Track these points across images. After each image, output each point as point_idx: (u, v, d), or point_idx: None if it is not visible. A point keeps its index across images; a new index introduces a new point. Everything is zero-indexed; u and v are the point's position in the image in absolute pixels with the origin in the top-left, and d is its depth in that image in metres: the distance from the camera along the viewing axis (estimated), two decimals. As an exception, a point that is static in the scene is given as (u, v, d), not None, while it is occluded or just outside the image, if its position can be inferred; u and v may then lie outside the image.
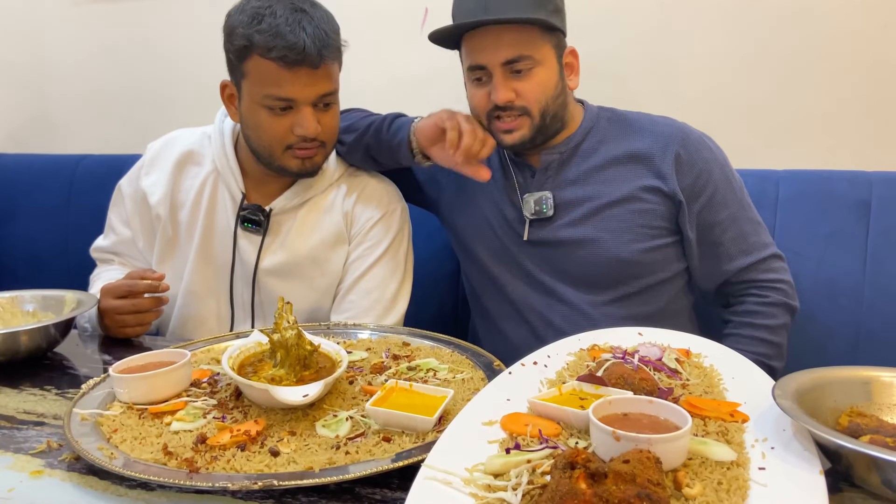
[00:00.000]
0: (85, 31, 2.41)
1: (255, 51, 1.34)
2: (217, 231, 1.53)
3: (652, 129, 1.45)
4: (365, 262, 1.52)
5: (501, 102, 1.38)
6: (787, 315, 1.45)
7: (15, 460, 0.92)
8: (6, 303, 1.43)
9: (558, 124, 1.45)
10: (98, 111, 2.46)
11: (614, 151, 1.45)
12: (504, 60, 1.37)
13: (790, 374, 0.93)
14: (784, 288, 1.45)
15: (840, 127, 1.75)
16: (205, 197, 1.53)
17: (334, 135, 1.47)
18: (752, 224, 1.46)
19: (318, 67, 1.35)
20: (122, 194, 1.61)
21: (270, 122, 1.39)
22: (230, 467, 0.85)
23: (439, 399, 0.98)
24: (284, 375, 1.04)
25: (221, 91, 1.48)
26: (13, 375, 1.21)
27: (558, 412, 0.91)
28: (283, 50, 1.31)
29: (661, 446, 0.76)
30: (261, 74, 1.36)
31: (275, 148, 1.42)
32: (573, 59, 1.45)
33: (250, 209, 1.50)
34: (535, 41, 1.37)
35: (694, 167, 1.42)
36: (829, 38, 1.73)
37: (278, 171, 1.47)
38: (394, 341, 1.30)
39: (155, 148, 1.61)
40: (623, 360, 1.05)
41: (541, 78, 1.39)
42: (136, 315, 1.39)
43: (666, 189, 1.42)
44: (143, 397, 1.02)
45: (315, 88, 1.37)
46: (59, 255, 2.15)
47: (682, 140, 1.42)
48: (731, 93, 1.82)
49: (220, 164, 1.53)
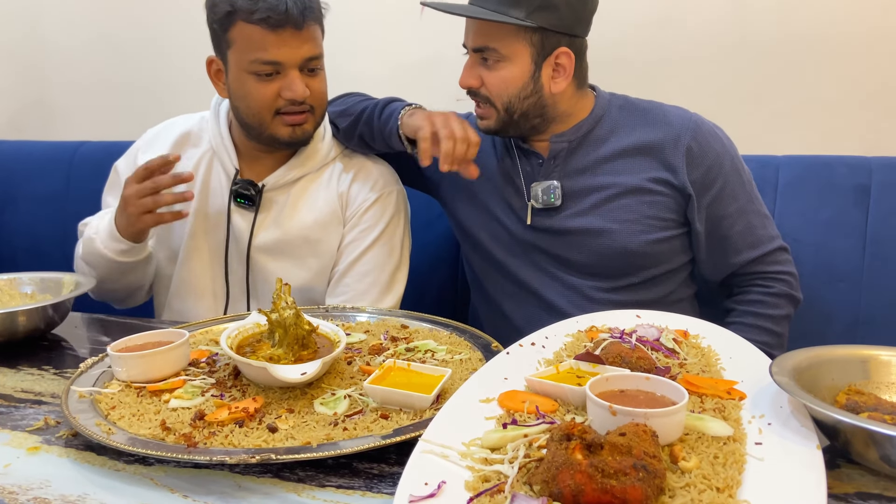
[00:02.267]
0: (84, 19, 2.40)
1: (239, 16, 1.36)
2: (211, 208, 1.54)
3: (664, 119, 1.43)
4: (360, 245, 1.52)
5: (462, 86, 1.41)
6: (790, 306, 1.45)
7: (12, 437, 0.93)
8: (4, 285, 1.43)
9: (535, 121, 1.42)
10: (96, 98, 2.45)
11: (625, 141, 1.43)
12: (473, 47, 1.38)
13: (788, 352, 0.93)
14: (789, 279, 1.45)
15: (840, 112, 1.75)
16: (200, 174, 1.54)
17: (323, 100, 1.47)
18: (759, 217, 1.45)
19: (301, 28, 1.36)
20: (119, 174, 1.61)
21: (258, 89, 1.40)
22: (228, 443, 0.85)
23: (437, 378, 0.98)
24: (283, 355, 1.04)
25: (208, 67, 1.48)
26: (11, 356, 1.21)
27: (555, 389, 0.91)
28: (266, 11, 1.33)
29: (658, 420, 0.76)
30: (246, 40, 1.37)
31: (264, 115, 1.42)
32: (566, 62, 1.38)
33: (242, 184, 1.50)
34: (504, 37, 1.35)
35: (705, 160, 1.40)
36: (829, 24, 1.73)
37: (269, 143, 1.47)
38: (392, 324, 1.30)
39: (153, 131, 1.63)
40: (621, 339, 1.05)
41: (505, 74, 1.37)
42: (155, 198, 1.37)
43: (676, 182, 1.41)
44: (142, 376, 1.02)
45: (300, 51, 1.38)
46: (58, 241, 2.14)
47: (694, 132, 1.41)
48: (732, 78, 1.81)
49: (214, 143, 1.54)
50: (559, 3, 1.34)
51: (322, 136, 1.56)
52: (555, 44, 1.37)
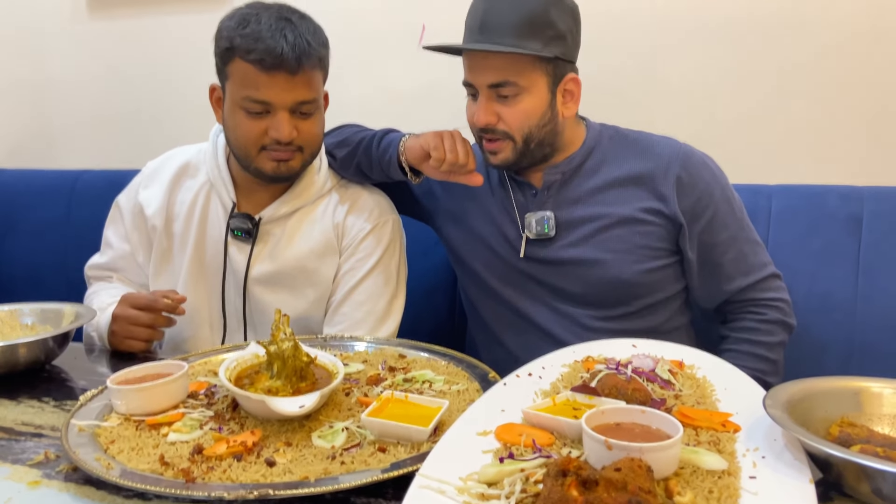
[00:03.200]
0: (86, 49, 2.44)
1: (237, 53, 1.38)
2: (209, 241, 1.55)
3: (653, 150, 1.45)
4: (357, 275, 1.53)
5: (481, 125, 1.40)
6: (784, 333, 1.46)
7: (13, 471, 0.93)
8: (5, 316, 1.43)
9: (546, 150, 1.44)
10: (98, 128, 2.48)
11: (616, 172, 1.45)
12: (489, 84, 1.37)
13: (781, 384, 0.94)
14: (782, 306, 1.46)
15: (831, 142, 1.78)
16: (198, 208, 1.56)
17: (313, 142, 1.48)
18: (751, 245, 1.47)
19: (295, 74, 1.38)
20: (121, 209, 1.63)
21: (247, 124, 1.42)
22: (226, 477, 0.85)
23: (434, 410, 0.99)
24: (281, 387, 1.05)
25: (210, 93, 1.51)
26: (11, 387, 1.21)
27: (552, 422, 0.92)
28: (261, 53, 1.35)
29: (653, 455, 0.76)
30: (241, 76, 1.40)
31: (250, 149, 1.44)
32: (574, 87, 1.43)
33: (239, 217, 1.52)
34: (523, 69, 1.36)
35: (695, 189, 1.42)
36: (820, 53, 1.76)
37: (255, 175, 1.49)
38: (390, 353, 1.31)
39: (153, 165, 1.65)
40: (616, 370, 1.06)
41: (525, 105, 1.38)
42: (148, 330, 1.40)
43: (667, 211, 1.43)
44: (141, 409, 1.03)
45: (292, 94, 1.40)
46: (58, 269, 2.16)
47: (684, 162, 1.43)
48: (724, 108, 1.84)
49: (212, 176, 1.56)
50: (566, 32, 1.38)
51: (318, 168, 1.58)
52: (564, 71, 1.41)
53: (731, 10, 1.80)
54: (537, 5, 1.34)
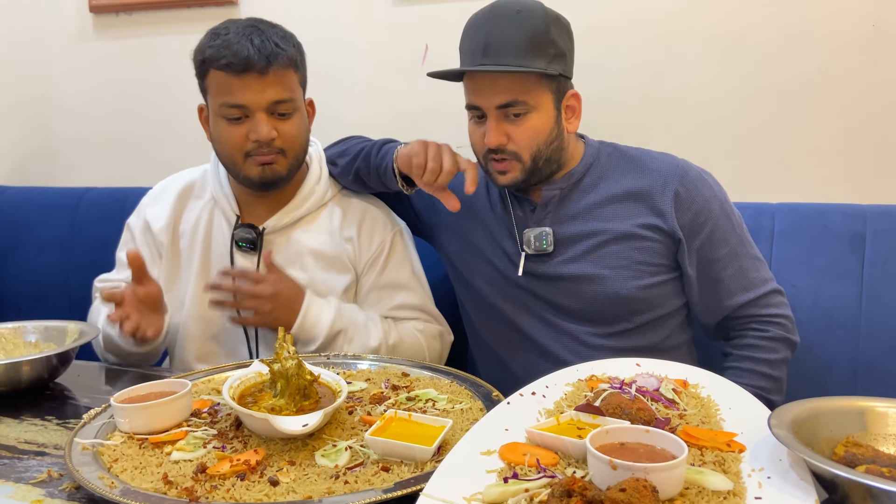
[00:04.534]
0: (91, 69, 2.45)
1: (210, 64, 1.43)
2: (214, 255, 1.57)
3: (651, 165, 1.46)
4: (381, 275, 1.59)
5: (493, 146, 1.40)
6: (787, 350, 1.45)
7: (16, 490, 0.93)
8: (9, 333, 1.44)
9: (553, 166, 1.45)
10: (102, 145, 2.49)
11: (614, 188, 1.46)
12: (498, 104, 1.38)
13: (786, 404, 0.94)
14: (784, 322, 1.45)
15: (834, 160, 1.78)
16: (202, 224, 1.58)
17: (295, 143, 1.50)
18: (751, 260, 1.46)
19: (265, 74, 1.41)
20: (131, 230, 1.65)
21: (229, 132, 1.46)
22: (230, 496, 0.85)
23: (438, 429, 0.99)
24: (284, 405, 1.05)
25: (199, 114, 1.55)
26: (14, 405, 1.22)
27: (556, 441, 0.91)
28: (230, 58, 1.40)
29: (658, 475, 0.76)
30: (216, 85, 1.44)
31: (236, 157, 1.47)
32: (575, 103, 1.45)
33: (243, 228, 1.54)
34: (530, 88, 1.37)
35: (693, 204, 1.43)
36: (822, 72, 1.76)
37: (245, 184, 1.52)
38: (393, 371, 1.31)
39: (160, 185, 1.68)
40: (620, 390, 1.06)
41: (534, 123, 1.39)
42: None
43: (665, 227, 1.43)
44: (144, 427, 1.03)
45: (265, 94, 1.43)
46: (63, 287, 2.16)
47: (681, 177, 1.43)
48: (727, 126, 1.85)
49: (215, 192, 1.59)
50: (565, 50, 1.41)
51: (318, 177, 1.60)
52: (566, 88, 1.43)
53: (733, 29, 1.81)
54: (539, 25, 1.36)
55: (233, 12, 2.23)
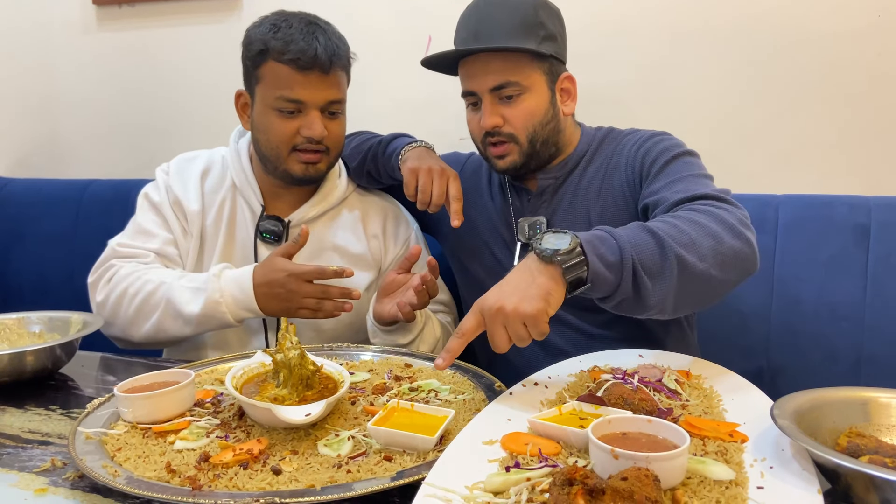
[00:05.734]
0: (94, 61, 2.46)
1: (271, 55, 1.43)
2: (237, 245, 1.57)
3: (623, 141, 1.45)
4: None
5: (488, 127, 1.40)
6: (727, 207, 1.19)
7: (19, 478, 0.93)
8: (13, 324, 1.44)
9: (552, 149, 1.45)
10: (106, 138, 2.49)
11: (602, 172, 1.45)
12: (491, 87, 1.39)
13: (789, 394, 0.94)
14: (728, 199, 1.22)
15: (839, 152, 1.77)
16: (225, 211, 1.57)
17: (339, 143, 1.54)
18: (696, 178, 1.29)
19: (328, 73, 1.44)
20: (152, 200, 1.58)
21: (280, 124, 1.46)
22: (233, 485, 0.85)
23: (440, 419, 0.99)
24: (287, 395, 1.05)
25: (236, 100, 1.55)
26: (18, 395, 1.22)
27: (558, 431, 0.91)
28: (296, 53, 1.41)
29: (660, 464, 0.76)
30: (275, 78, 1.45)
31: (282, 149, 1.48)
32: (570, 85, 1.46)
33: (270, 220, 1.55)
34: (523, 68, 1.38)
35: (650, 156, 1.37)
36: (827, 65, 1.76)
37: (283, 178, 1.53)
38: (396, 362, 1.31)
39: (174, 163, 1.63)
40: (623, 380, 1.06)
41: (528, 104, 1.40)
42: (318, 301, 1.40)
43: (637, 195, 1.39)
44: (147, 416, 1.03)
45: (324, 94, 1.45)
46: (66, 279, 2.16)
47: (642, 143, 1.40)
48: (732, 118, 1.84)
49: (238, 180, 1.58)
50: (556, 34, 1.42)
51: (339, 172, 1.64)
52: (559, 70, 1.44)
53: (738, 21, 1.80)
54: (527, 8, 1.38)
55: (237, 4, 2.23)
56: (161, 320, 1.44)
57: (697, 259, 1.08)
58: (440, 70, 1.48)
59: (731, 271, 1.12)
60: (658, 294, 1.07)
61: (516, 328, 1.01)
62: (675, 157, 1.35)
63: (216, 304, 1.41)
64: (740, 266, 1.14)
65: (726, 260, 1.11)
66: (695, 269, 1.08)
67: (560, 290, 1.03)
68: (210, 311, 1.41)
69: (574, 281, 1.03)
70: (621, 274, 1.05)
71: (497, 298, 1.03)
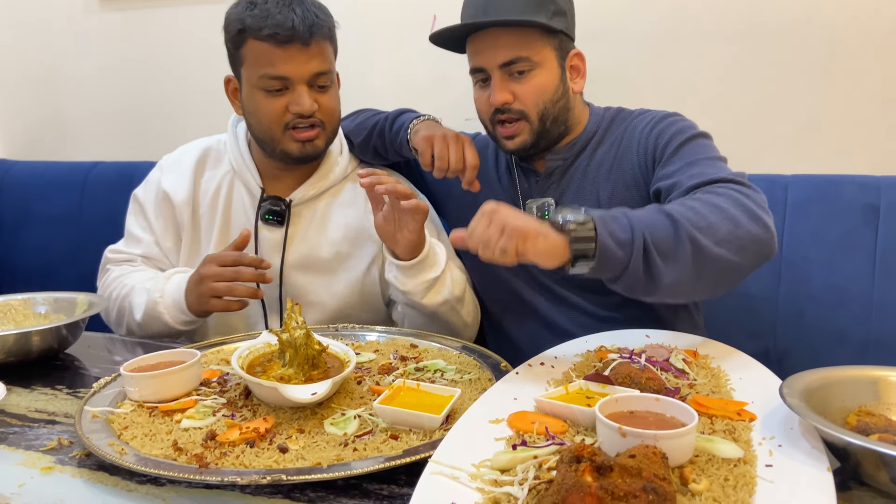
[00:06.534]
0: (98, 42, 2.44)
1: (249, 34, 1.40)
2: (234, 228, 1.55)
3: (633, 122, 1.43)
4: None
5: (498, 104, 1.38)
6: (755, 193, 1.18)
7: (26, 457, 0.93)
8: (19, 305, 1.44)
9: (561, 128, 1.43)
10: (110, 120, 2.49)
11: (612, 153, 1.43)
12: (502, 62, 1.36)
13: (798, 373, 0.93)
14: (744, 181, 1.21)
15: (848, 131, 1.75)
16: (222, 197, 1.56)
17: (333, 115, 1.49)
18: (714, 163, 1.27)
19: (308, 44, 1.39)
20: (139, 202, 1.61)
21: (268, 104, 1.43)
22: (239, 463, 0.86)
23: (446, 398, 0.99)
24: (293, 375, 1.05)
25: (226, 86, 1.52)
26: (25, 375, 1.22)
27: (565, 410, 0.91)
28: (273, 28, 1.37)
29: (668, 442, 0.76)
30: (256, 56, 1.41)
31: (274, 129, 1.45)
32: (579, 62, 1.44)
33: (271, 200, 1.52)
34: (533, 43, 1.36)
35: (662, 138, 1.35)
36: (836, 43, 1.73)
37: (282, 159, 1.49)
38: (401, 343, 1.31)
39: (172, 157, 1.64)
40: (630, 360, 1.05)
41: (539, 80, 1.38)
42: (229, 285, 1.37)
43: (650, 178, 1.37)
44: (154, 396, 1.03)
45: (308, 66, 1.41)
46: (72, 260, 2.17)
47: (654, 124, 1.38)
48: (740, 97, 1.82)
49: (236, 164, 1.56)
50: (566, 9, 1.40)
51: (340, 149, 1.60)
52: (569, 47, 1.42)
53: (745, 0, 1.78)
54: None
55: (239, -17, 2.21)
56: (129, 322, 1.50)
57: (713, 243, 1.07)
58: (448, 47, 1.46)
59: (748, 256, 1.11)
60: (671, 276, 1.06)
61: (493, 230, 1.05)
62: (689, 139, 1.33)
63: (155, 305, 1.44)
64: (758, 251, 1.12)
65: (744, 244, 1.09)
66: (710, 252, 1.06)
67: (560, 249, 1.03)
68: (150, 311, 1.45)
69: (577, 255, 1.03)
70: (631, 252, 1.04)
71: (501, 206, 1.07)
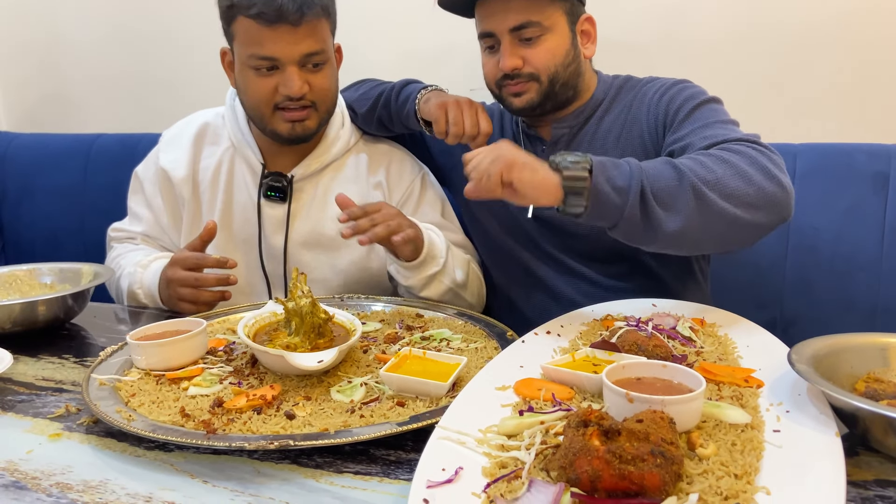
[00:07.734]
0: (100, 13, 2.41)
1: (239, 11, 1.36)
2: (237, 205, 1.53)
3: (643, 89, 1.41)
4: (428, 217, 1.55)
5: (508, 69, 1.36)
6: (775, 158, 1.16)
7: (34, 424, 0.94)
8: (24, 275, 1.44)
9: (570, 92, 1.41)
10: (113, 92, 2.47)
11: (619, 120, 1.42)
12: (512, 26, 1.34)
13: (806, 340, 0.93)
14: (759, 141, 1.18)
15: (858, 100, 1.73)
16: (223, 173, 1.54)
17: (326, 96, 1.45)
18: (726, 126, 1.25)
19: (298, 25, 1.34)
20: (139, 179, 1.61)
21: (257, 83, 1.40)
22: (246, 429, 0.86)
23: (453, 366, 0.99)
24: (299, 343, 1.05)
25: (222, 58, 1.48)
26: (32, 345, 1.22)
27: (571, 377, 0.91)
28: (261, 7, 1.32)
29: (675, 407, 0.76)
30: (245, 34, 1.37)
31: (263, 109, 1.42)
32: (590, 27, 1.42)
33: (272, 176, 1.50)
34: (543, 7, 1.34)
35: (673, 104, 1.34)
36: (846, 11, 1.70)
37: (272, 137, 1.47)
38: (407, 313, 1.31)
39: (170, 132, 1.63)
40: (637, 328, 1.05)
41: (550, 45, 1.36)
42: (194, 291, 1.37)
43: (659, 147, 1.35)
44: (160, 364, 1.03)
45: (297, 47, 1.36)
46: (76, 232, 2.17)
47: (665, 91, 1.37)
48: (750, 66, 1.79)
49: (236, 140, 1.54)
50: None
51: (342, 122, 1.57)
52: (579, 11, 1.40)
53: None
54: None
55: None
56: (125, 303, 1.52)
57: (720, 196, 1.06)
58: (456, 11, 1.43)
59: (761, 213, 1.10)
60: (671, 225, 1.06)
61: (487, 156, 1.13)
62: (700, 104, 1.31)
63: (135, 295, 1.47)
64: (772, 209, 1.11)
65: (755, 202, 1.08)
66: (716, 206, 1.06)
67: (551, 185, 1.05)
68: (133, 300, 1.48)
69: (568, 191, 1.04)
70: (628, 198, 1.04)
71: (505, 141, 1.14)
